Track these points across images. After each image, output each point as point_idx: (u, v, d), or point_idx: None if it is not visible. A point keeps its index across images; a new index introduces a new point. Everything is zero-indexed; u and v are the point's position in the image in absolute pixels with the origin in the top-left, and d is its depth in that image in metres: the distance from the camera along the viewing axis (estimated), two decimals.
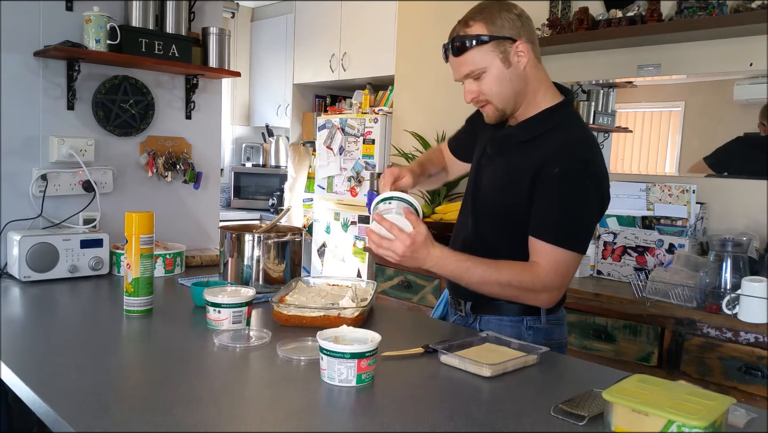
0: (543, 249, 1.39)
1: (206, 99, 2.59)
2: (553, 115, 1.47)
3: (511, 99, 1.45)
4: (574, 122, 1.50)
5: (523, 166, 1.44)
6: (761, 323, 1.87)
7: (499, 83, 1.43)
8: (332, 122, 4.21)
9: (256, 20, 5.66)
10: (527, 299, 1.44)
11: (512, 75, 1.43)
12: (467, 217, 1.62)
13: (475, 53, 1.41)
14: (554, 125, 1.46)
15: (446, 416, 1.05)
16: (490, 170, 1.55)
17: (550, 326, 1.54)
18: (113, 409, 1.03)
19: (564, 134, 1.44)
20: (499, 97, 1.45)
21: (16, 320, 1.57)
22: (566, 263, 1.39)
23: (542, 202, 1.40)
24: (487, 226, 1.56)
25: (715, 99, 2.56)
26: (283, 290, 1.69)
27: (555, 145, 1.42)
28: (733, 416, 1.04)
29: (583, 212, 1.41)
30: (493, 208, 1.53)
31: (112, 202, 2.28)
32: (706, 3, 2.35)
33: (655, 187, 2.41)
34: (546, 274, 1.38)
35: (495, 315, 1.55)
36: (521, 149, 1.47)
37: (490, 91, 1.44)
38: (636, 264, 2.41)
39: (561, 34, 2.77)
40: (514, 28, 1.41)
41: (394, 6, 3.95)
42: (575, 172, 1.39)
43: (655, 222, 2.41)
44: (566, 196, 1.39)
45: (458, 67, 1.45)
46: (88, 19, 2.11)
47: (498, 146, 1.55)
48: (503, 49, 1.41)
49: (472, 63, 1.42)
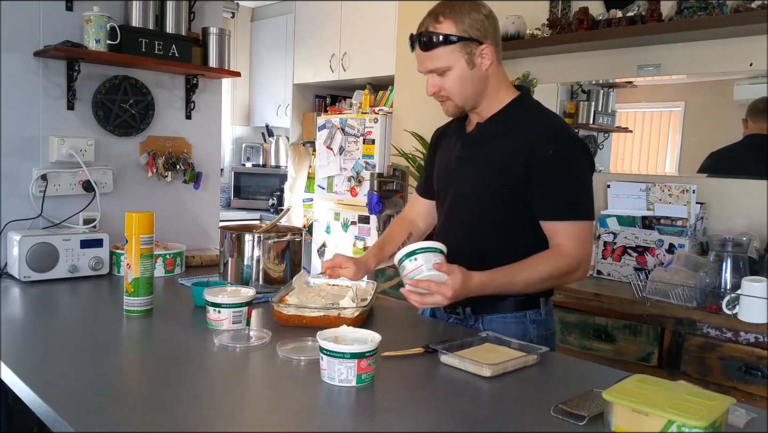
0: (562, 229, 1.46)
1: (206, 99, 2.59)
2: (518, 105, 1.55)
3: (471, 98, 1.53)
4: (540, 108, 1.59)
5: (507, 157, 1.50)
6: (761, 323, 1.88)
7: (461, 83, 1.49)
8: (332, 122, 4.20)
9: (256, 20, 5.66)
10: (567, 280, 1.49)
11: (474, 76, 1.49)
12: (453, 224, 1.63)
13: (441, 51, 1.46)
14: (522, 114, 1.54)
15: (446, 416, 1.05)
16: (470, 170, 1.57)
17: (547, 317, 1.60)
18: (113, 409, 1.03)
19: (538, 118, 1.53)
20: (460, 96, 1.52)
21: (16, 320, 1.57)
22: (585, 233, 1.47)
23: (546, 186, 1.46)
24: (480, 223, 1.57)
25: (715, 99, 2.56)
26: (283, 290, 1.69)
27: (536, 131, 1.49)
28: (733, 416, 1.03)
29: (585, 183, 1.49)
30: (486, 203, 1.55)
31: (112, 202, 2.28)
32: (706, 3, 2.35)
33: (655, 187, 2.41)
34: (574, 250, 1.45)
35: (498, 314, 1.56)
36: (497, 142, 1.53)
37: (452, 89, 1.50)
38: (636, 264, 2.41)
39: (561, 34, 2.77)
40: (482, 29, 1.47)
41: (394, 6, 3.95)
42: (568, 150, 1.47)
43: (655, 222, 2.41)
44: (567, 174, 1.46)
45: (424, 60, 1.50)
46: (88, 19, 2.11)
47: (473, 146, 1.58)
48: (469, 50, 1.47)
49: (438, 60, 1.47)
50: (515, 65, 3.13)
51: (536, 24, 2.94)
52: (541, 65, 3.05)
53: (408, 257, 1.39)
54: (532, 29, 2.93)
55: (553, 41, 2.79)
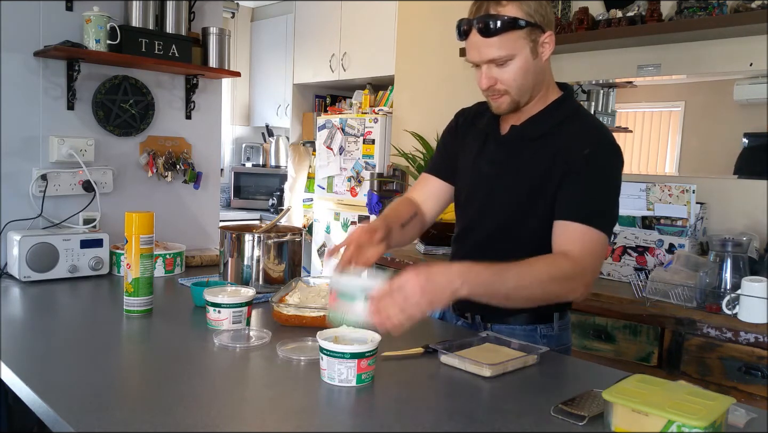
0: (576, 231, 1.30)
1: (206, 99, 2.59)
2: (560, 108, 1.42)
3: (529, 91, 1.38)
4: (584, 111, 1.47)
5: (546, 162, 1.38)
6: (761, 323, 1.87)
7: (524, 74, 1.33)
8: (332, 122, 4.20)
9: (256, 20, 5.66)
10: (565, 292, 1.28)
11: (536, 67, 1.35)
12: (479, 232, 1.50)
13: (507, 38, 1.29)
14: (564, 117, 1.41)
15: (446, 416, 1.05)
16: (507, 175, 1.45)
17: (561, 332, 1.50)
18: (113, 409, 1.03)
19: (581, 121, 1.42)
20: (520, 89, 1.36)
21: (16, 320, 1.57)
22: (599, 245, 1.31)
23: (572, 184, 1.33)
24: (509, 230, 1.45)
25: (715, 99, 2.56)
26: (283, 290, 1.69)
27: (576, 131, 1.38)
28: (733, 416, 1.03)
29: (612, 192, 1.36)
30: (518, 211, 1.43)
31: (112, 202, 2.28)
32: (706, 3, 2.35)
33: (655, 187, 2.41)
34: (582, 257, 1.27)
35: (507, 325, 1.47)
36: (536, 146, 1.41)
37: (512, 81, 1.34)
38: (636, 264, 2.41)
39: (561, 34, 2.77)
40: (545, 15, 1.32)
41: (394, 6, 3.94)
42: (605, 154, 1.36)
43: (655, 222, 2.41)
44: (598, 178, 1.34)
45: (483, 48, 1.31)
46: (88, 19, 2.11)
47: (509, 148, 1.46)
48: (534, 37, 1.31)
49: (501, 47, 1.30)
50: None
51: None
52: None
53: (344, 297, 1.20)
54: None
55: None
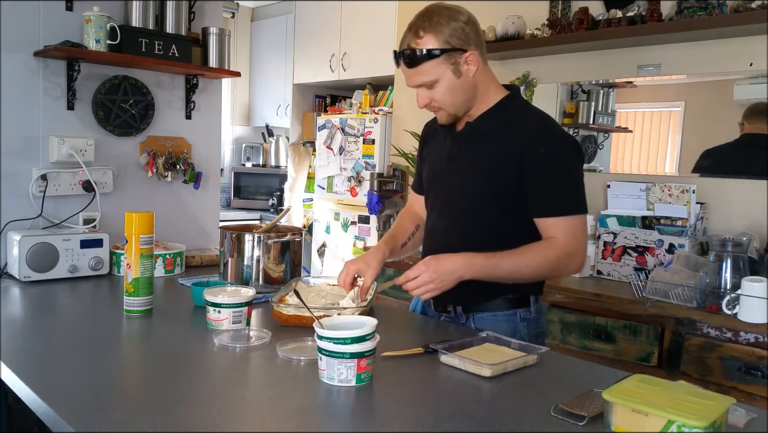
0: (555, 224, 1.48)
1: (206, 99, 2.59)
2: (508, 104, 1.56)
3: (463, 105, 1.54)
4: (531, 107, 1.61)
5: (499, 156, 1.51)
6: (761, 323, 1.87)
7: (451, 93, 1.50)
8: (332, 122, 4.20)
9: (256, 20, 5.66)
10: (559, 272, 1.53)
11: (463, 83, 1.50)
12: (443, 222, 1.63)
13: (426, 66, 1.46)
14: (513, 112, 1.55)
15: (446, 416, 1.05)
16: (462, 168, 1.58)
17: (538, 316, 1.61)
18: (113, 409, 1.03)
19: (530, 117, 1.55)
20: (452, 105, 1.53)
21: (16, 320, 1.57)
22: (579, 226, 1.50)
23: (539, 184, 1.48)
24: (470, 222, 1.57)
25: (715, 99, 2.56)
26: (283, 290, 1.69)
27: (528, 129, 1.50)
28: (733, 416, 1.03)
29: (577, 178, 1.51)
30: (477, 203, 1.55)
31: (112, 202, 2.28)
32: (706, 3, 2.35)
33: (655, 187, 2.41)
34: (566, 243, 1.47)
35: (489, 312, 1.58)
36: (489, 140, 1.54)
37: (442, 99, 1.51)
38: (636, 264, 2.41)
39: (561, 34, 2.77)
40: (463, 37, 1.46)
41: (394, 6, 3.95)
42: (561, 149, 1.50)
43: (655, 222, 2.41)
44: (560, 172, 1.48)
45: (410, 76, 1.50)
46: (88, 19, 2.11)
47: (463, 144, 1.58)
48: (454, 60, 1.47)
49: (424, 74, 1.48)
50: (515, 65, 3.13)
51: (536, 24, 2.94)
52: (541, 65, 3.05)
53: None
54: (532, 29, 2.93)
55: (553, 41, 2.79)
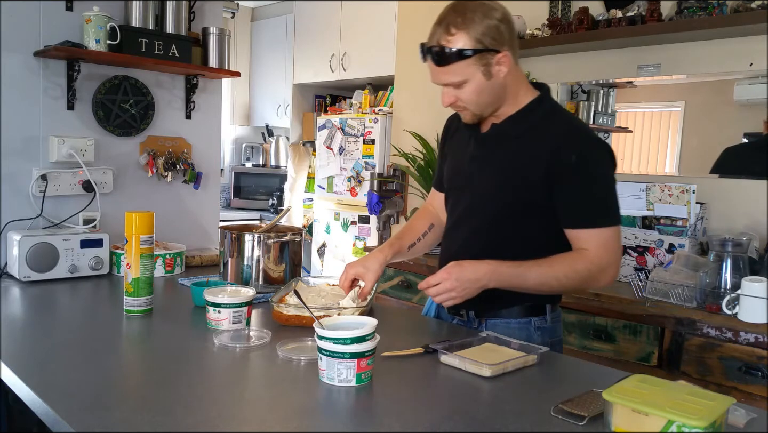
0: (587, 236, 1.42)
1: (206, 99, 2.59)
2: (538, 107, 1.49)
3: (490, 106, 1.47)
4: (561, 110, 1.55)
5: (526, 159, 1.45)
6: (761, 323, 1.87)
7: (479, 94, 1.43)
8: (332, 122, 4.20)
9: (256, 20, 5.66)
10: (588, 285, 1.45)
11: (492, 85, 1.43)
12: (462, 226, 1.58)
13: (457, 66, 1.39)
14: (543, 115, 1.48)
15: (446, 416, 1.05)
16: (486, 172, 1.52)
17: (554, 324, 1.55)
18: (113, 409, 1.03)
19: (560, 121, 1.48)
20: (478, 106, 1.46)
21: (16, 320, 1.57)
22: (612, 239, 1.42)
23: (570, 193, 1.41)
24: (491, 228, 1.52)
25: (715, 99, 2.56)
26: (283, 290, 1.69)
27: (558, 134, 1.43)
28: (733, 416, 1.03)
29: (609, 188, 1.44)
30: (500, 208, 1.50)
31: (112, 202, 2.28)
32: (706, 3, 2.35)
33: (655, 187, 2.41)
34: (597, 256, 1.40)
35: (502, 319, 1.53)
36: (515, 144, 1.48)
37: (469, 100, 1.44)
38: (636, 264, 2.41)
39: (561, 34, 2.77)
40: (497, 37, 1.38)
41: (394, 6, 3.94)
42: (593, 155, 1.42)
43: (655, 222, 2.41)
44: (591, 181, 1.42)
45: (438, 74, 1.43)
46: (88, 19, 2.11)
47: (489, 146, 1.53)
48: (485, 61, 1.39)
49: (452, 74, 1.40)
50: None
51: (536, 24, 2.94)
52: (541, 65, 3.04)
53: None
54: (532, 29, 2.93)
55: (553, 41, 2.79)
